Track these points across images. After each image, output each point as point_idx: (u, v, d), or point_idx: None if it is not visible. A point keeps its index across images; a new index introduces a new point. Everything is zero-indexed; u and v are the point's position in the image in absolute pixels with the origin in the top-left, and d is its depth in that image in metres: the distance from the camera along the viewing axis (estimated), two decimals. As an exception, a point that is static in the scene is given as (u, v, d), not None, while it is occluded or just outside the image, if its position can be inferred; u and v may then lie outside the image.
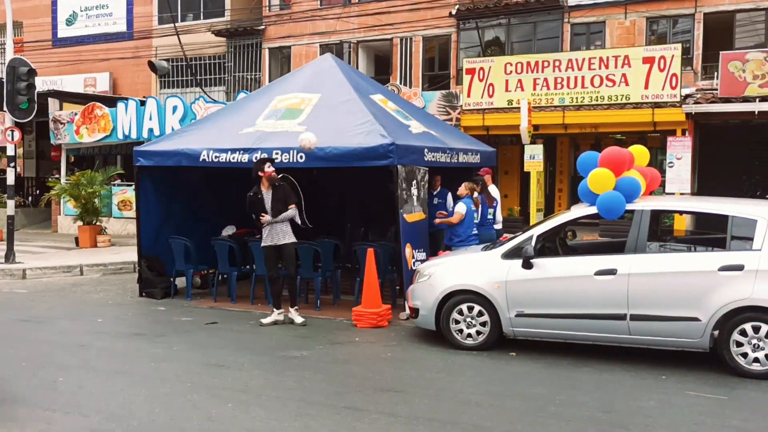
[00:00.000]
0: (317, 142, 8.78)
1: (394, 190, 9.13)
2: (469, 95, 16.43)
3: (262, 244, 8.91)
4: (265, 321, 8.82)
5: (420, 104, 17.08)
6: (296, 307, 8.92)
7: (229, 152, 9.79)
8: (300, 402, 5.83)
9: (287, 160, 9.32)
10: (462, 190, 9.71)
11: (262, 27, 22.28)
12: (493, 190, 10.79)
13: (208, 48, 23.08)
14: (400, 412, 5.56)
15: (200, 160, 10.00)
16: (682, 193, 14.43)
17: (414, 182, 9.54)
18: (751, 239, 6.65)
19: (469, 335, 7.60)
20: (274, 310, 8.94)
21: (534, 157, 14.45)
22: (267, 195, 8.79)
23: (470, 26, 19.28)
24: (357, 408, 5.67)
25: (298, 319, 8.78)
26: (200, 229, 11.18)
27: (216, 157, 9.88)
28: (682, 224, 14.19)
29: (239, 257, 10.46)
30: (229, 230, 11.58)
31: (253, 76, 22.58)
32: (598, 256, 7.29)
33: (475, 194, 9.75)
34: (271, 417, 5.46)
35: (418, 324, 8.09)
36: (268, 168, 8.81)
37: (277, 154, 9.44)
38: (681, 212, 11.58)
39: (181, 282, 10.98)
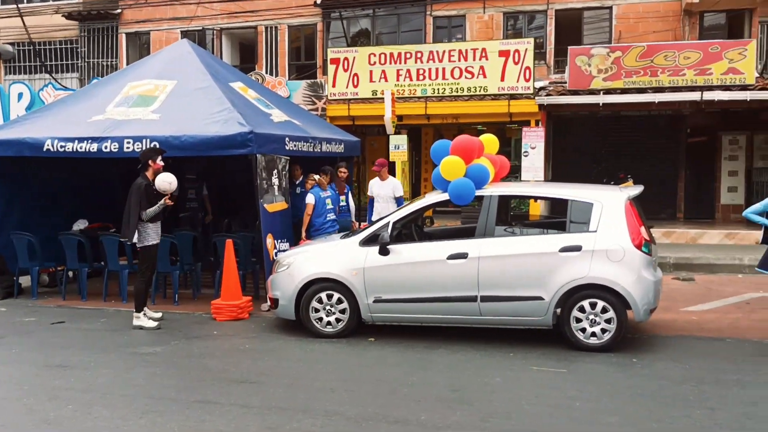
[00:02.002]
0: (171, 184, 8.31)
1: (254, 180, 8.99)
2: (334, 85, 16.45)
3: (153, 242, 8.34)
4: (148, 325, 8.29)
5: (285, 93, 16.94)
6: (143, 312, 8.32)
7: (76, 141, 9.25)
8: (148, 399, 5.62)
9: (139, 150, 8.92)
10: (309, 182, 9.86)
11: (119, 11, 21.20)
12: (391, 182, 10.71)
13: (58, 31, 21.66)
14: (253, 403, 5.49)
15: (44, 149, 9.38)
16: (536, 180, 15.17)
17: (275, 172, 9.43)
18: (588, 222, 7.09)
19: (329, 323, 7.63)
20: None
21: (399, 147, 14.67)
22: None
23: (335, 16, 19.28)
24: (209, 401, 5.54)
25: (149, 324, 8.21)
26: (51, 224, 10.50)
27: (62, 146, 9.30)
28: (536, 210, 14.95)
29: (90, 253, 9.92)
30: (80, 224, 10.96)
31: (109, 63, 21.44)
32: (451, 241, 7.53)
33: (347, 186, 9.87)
34: (115, 416, 5.23)
35: (278, 314, 8.02)
36: (160, 161, 8.33)
37: (128, 143, 9.03)
38: (525, 197, 12.15)
39: (27, 281, 10.27)
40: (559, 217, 8.58)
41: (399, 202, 10.48)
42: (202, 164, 11.63)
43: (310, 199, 9.59)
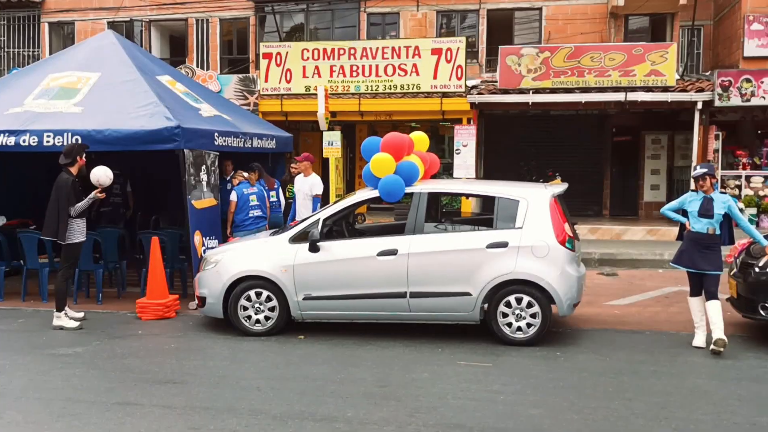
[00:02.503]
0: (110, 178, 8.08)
1: (182, 176, 8.79)
2: (266, 80, 16.25)
3: (78, 240, 8.03)
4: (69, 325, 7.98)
5: (216, 88, 16.63)
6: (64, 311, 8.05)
7: (-8, 134, 8.84)
8: (65, 402, 5.43)
9: (60, 144, 8.60)
10: (237, 178, 9.76)
11: (41, -1, 20.39)
12: (310, 180, 10.39)
13: (-25, 19, 20.69)
14: (176, 404, 5.38)
15: (-44, 143, 8.92)
16: (468, 178, 15.38)
17: (203, 167, 9.25)
18: (515, 218, 7.23)
19: (258, 321, 7.54)
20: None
21: (332, 144, 14.61)
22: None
23: (268, 10, 19.06)
24: (130, 403, 5.40)
25: (70, 324, 7.94)
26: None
27: (-25, 139, 8.87)
28: (468, 207, 15.14)
29: (7, 250, 9.51)
30: (-2, 221, 10.51)
31: (30, 53, 20.59)
32: (381, 238, 7.54)
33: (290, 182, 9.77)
34: (29, 420, 5.03)
35: (205, 313, 7.88)
36: (84, 157, 8.04)
37: (48, 137, 8.70)
38: (454, 194, 12.28)
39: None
40: (488, 214, 8.71)
41: (315, 201, 10.21)
42: (127, 159, 11.30)
43: (233, 196, 9.50)
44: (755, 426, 4.92)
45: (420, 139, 8.32)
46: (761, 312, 6.97)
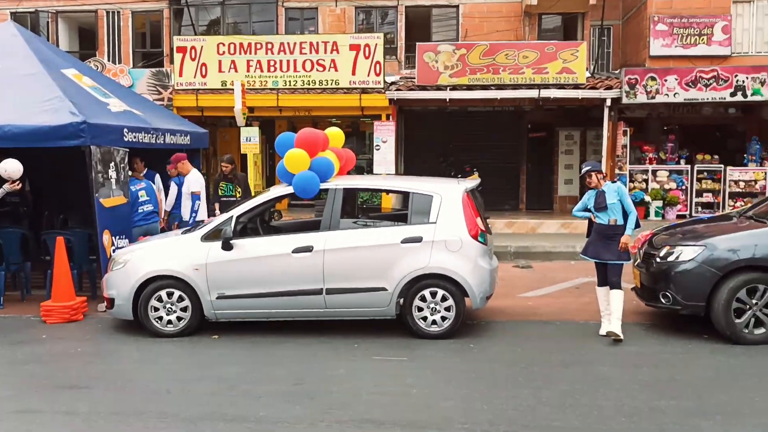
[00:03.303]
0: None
1: (89, 173, 8.47)
2: (181, 74, 15.85)
3: None
4: None
5: (127, 82, 16.14)
6: None
7: None
8: (-41, 412, 5.15)
9: (-45, 140, 8.13)
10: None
11: (-63, -13, 19.23)
12: (189, 178, 9.90)
13: None
14: (81, 409, 5.18)
15: None
16: (388, 174, 15.45)
17: (112, 164, 8.93)
18: (428, 213, 7.30)
19: (170, 322, 7.35)
20: None
21: (250, 140, 14.43)
22: None
23: (183, 3, 18.58)
24: (31, 410, 5.17)
25: None
26: None
27: None
28: (389, 203, 15.23)
29: None
30: None
31: (-74, 44, 19.38)
32: (296, 235, 7.48)
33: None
34: None
35: (115, 315, 7.62)
36: None
37: (-60, 133, 8.21)
38: (370, 190, 12.32)
39: None
40: (404, 209, 8.77)
41: (194, 198, 9.67)
42: (36, 156, 10.80)
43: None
44: (653, 410, 5.14)
45: (335, 135, 8.29)
46: (662, 300, 7.29)
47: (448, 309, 7.15)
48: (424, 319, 7.18)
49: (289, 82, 15.77)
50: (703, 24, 16.16)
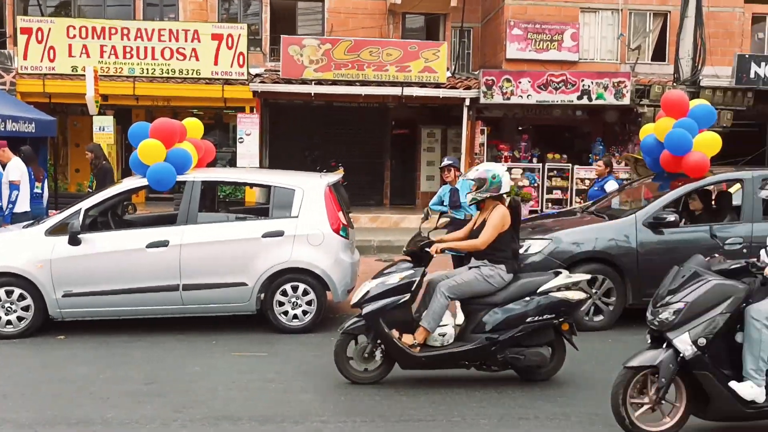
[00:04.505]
0: None
1: None
2: (25, 57, 14.72)
3: None
4: None
5: (-36, 64, 14.78)
6: None
7: None
8: None
9: None
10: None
11: None
12: (10, 165, 8.82)
13: None
14: None
15: None
16: (252, 167, 15.20)
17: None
18: (290, 207, 7.25)
19: (9, 322, 6.85)
20: None
21: (104, 129, 13.64)
22: None
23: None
24: None
25: None
26: None
27: None
28: (252, 197, 14.97)
29: None
30: None
31: None
32: (151, 229, 7.19)
33: None
34: None
35: (-56, 316, 6.96)
36: None
37: None
38: (230, 183, 11.95)
39: None
40: (266, 203, 8.66)
41: (12, 188, 8.72)
42: None
43: None
44: (502, 394, 5.40)
45: (193, 125, 8.05)
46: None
47: (309, 303, 7.14)
48: (285, 313, 7.13)
49: (147, 70, 15.09)
50: (554, 30, 17.15)
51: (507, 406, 5.17)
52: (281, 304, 7.12)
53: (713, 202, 8.44)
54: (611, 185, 9.28)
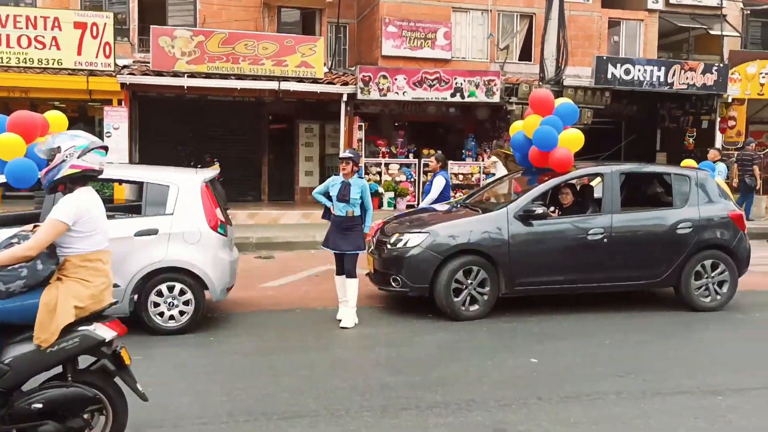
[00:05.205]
0: None
1: None
2: None
3: None
4: None
5: None
6: None
7: None
8: None
9: None
10: None
11: None
12: None
13: None
14: None
15: None
16: (121, 163, 14.50)
17: None
18: (165, 204, 7.00)
19: None
20: None
21: (-48, 122, 12.56)
22: None
23: None
24: None
25: None
26: None
27: None
28: (122, 194, 14.32)
29: None
30: None
31: None
32: (8, 229, 6.68)
33: None
34: None
35: None
36: None
37: None
38: (98, 179, 11.41)
39: None
40: (138, 200, 8.31)
41: None
42: None
43: None
44: (384, 386, 5.48)
45: (56, 119, 7.55)
46: (393, 284, 7.81)
47: (186, 303, 6.93)
48: (161, 314, 6.88)
49: (2, 59, 14.03)
50: (428, 29, 17.59)
51: (389, 397, 5.26)
52: (156, 305, 6.86)
53: (577, 196, 8.97)
54: (439, 181, 9.50)
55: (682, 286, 8.17)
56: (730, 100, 17.68)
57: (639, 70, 16.35)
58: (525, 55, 18.91)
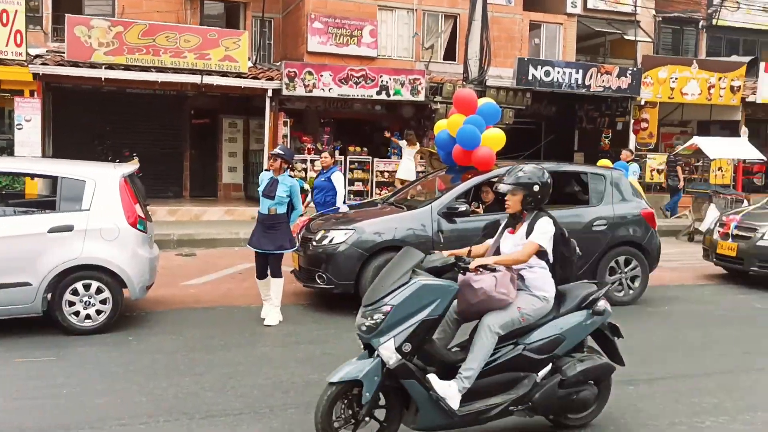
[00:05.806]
0: None
1: None
2: None
3: None
4: None
5: None
6: None
7: None
8: None
9: None
10: None
11: None
12: None
13: None
14: None
15: None
16: (33, 157, 13.90)
17: None
18: (81, 200, 6.76)
19: None
20: None
21: None
22: None
23: None
24: None
25: None
26: None
27: None
28: (34, 189, 13.70)
29: None
30: None
31: None
32: None
33: None
34: None
35: None
36: None
37: None
38: (8, 173, 10.86)
39: None
40: (52, 196, 8.00)
41: None
42: None
43: None
44: (308, 383, 5.47)
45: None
46: (318, 281, 7.80)
47: (103, 302, 6.72)
48: (77, 314, 6.65)
49: None
50: (354, 26, 17.58)
51: (313, 394, 5.22)
52: (72, 304, 6.63)
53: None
54: (339, 176, 9.63)
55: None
56: (643, 103, 18.46)
57: (558, 72, 16.84)
58: (450, 54, 19.17)
